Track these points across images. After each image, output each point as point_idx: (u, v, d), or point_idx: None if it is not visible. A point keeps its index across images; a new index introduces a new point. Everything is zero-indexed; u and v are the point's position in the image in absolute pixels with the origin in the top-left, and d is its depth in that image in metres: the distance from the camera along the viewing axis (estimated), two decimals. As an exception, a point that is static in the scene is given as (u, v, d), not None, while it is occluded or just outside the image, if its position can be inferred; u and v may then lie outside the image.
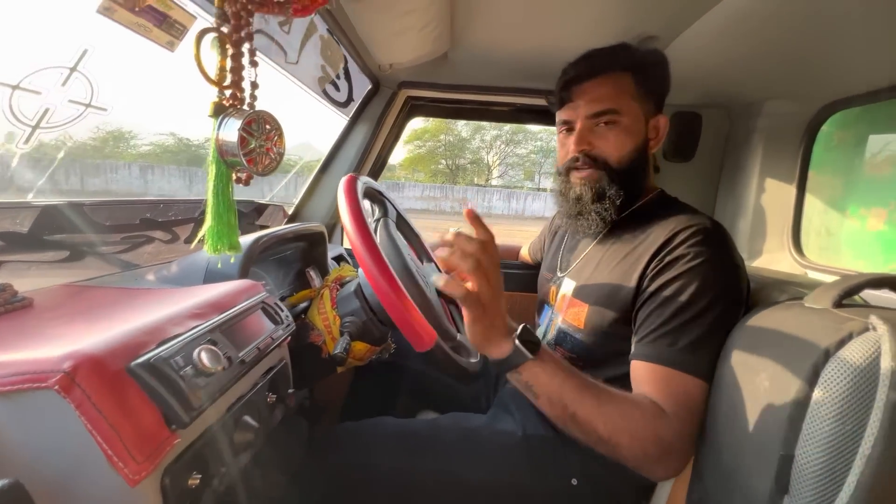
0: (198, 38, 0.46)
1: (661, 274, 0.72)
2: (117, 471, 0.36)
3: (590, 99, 0.82)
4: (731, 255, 0.73)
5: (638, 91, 0.81)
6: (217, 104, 0.49)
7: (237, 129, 0.47)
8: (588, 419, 0.64)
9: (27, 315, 0.54)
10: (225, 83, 0.49)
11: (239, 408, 0.51)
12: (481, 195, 24.31)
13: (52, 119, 0.54)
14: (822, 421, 0.50)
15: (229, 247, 0.51)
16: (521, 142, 26.96)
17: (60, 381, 0.34)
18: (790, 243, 1.18)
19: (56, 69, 0.50)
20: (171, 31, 0.61)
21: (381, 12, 0.87)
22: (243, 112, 0.48)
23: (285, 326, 0.63)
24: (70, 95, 0.53)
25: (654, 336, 0.70)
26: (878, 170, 1.03)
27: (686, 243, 0.72)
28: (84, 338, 0.41)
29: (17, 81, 0.47)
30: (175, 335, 0.45)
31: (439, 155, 27.11)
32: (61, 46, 0.54)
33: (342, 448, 0.86)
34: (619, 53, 0.83)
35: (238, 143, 0.47)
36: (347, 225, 0.73)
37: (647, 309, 0.72)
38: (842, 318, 0.55)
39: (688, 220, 0.76)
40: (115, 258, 0.84)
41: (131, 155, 17.77)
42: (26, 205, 0.61)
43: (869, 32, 0.81)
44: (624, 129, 0.81)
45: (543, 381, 0.65)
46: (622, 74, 0.81)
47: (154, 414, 0.39)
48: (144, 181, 15.20)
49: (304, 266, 1.14)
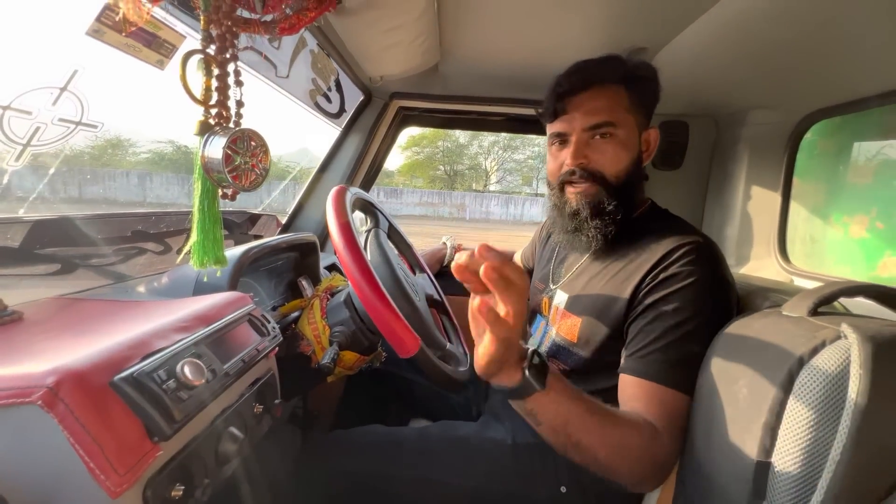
0: (183, 60, 0.47)
1: (655, 291, 0.73)
2: (99, 483, 0.36)
3: (585, 111, 0.80)
4: (722, 273, 0.74)
5: (631, 104, 0.81)
6: (203, 123, 0.50)
7: (222, 146, 0.48)
8: (590, 446, 0.63)
9: (16, 329, 0.55)
10: (211, 102, 0.50)
11: (224, 419, 0.52)
12: (479, 200, 24.38)
13: (43, 137, 0.55)
14: (797, 428, 0.52)
15: (215, 261, 0.52)
16: (518, 147, 27.09)
17: (44, 396, 0.35)
18: (776, 250, 1.20)
19: (47, 89, 0.52)
20: (160, 51, 0.62)
21: (369, 27, 0.89)
22: (228, 130, 0.50)
23: (272, 338, 0.64)
24: (60, 114, 0.54)
25: (645, 352, 0.70)
26: (860, 178, 1.05)
27: (679, 262, 0.72)
28: (69, 352, 0.42)
29: (7, 102, 0.49)
30: (159, 349, 0.46)
31: (437, 161, 27.20)
32: (52, 64, 0.55)
33: (333, 455, 0.86)
34: (612, 65, 0.82)
35: (223, 161, 0.49)
36: (333, 233, 0.75)
37: (639, 324, 0.73)
38: (816, 327, 0.56)
39: (681, 237, 0.76)
40: (107, 270, 0.85)
41: (129, 163, 17.80)
42: (17, 220, 0.62)
43: (850, 43, 0.83)
44: (620, 142, 0.80)
45: (549, 411, 0.62)
46: (616, 87, 0.80)
47: (136, 427, 0.40)
48: (143, 189, 15.21)
49: (296, 276, 1.15)
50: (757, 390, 0.58)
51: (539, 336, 0.99)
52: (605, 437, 0.63)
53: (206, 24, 0.49)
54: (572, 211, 0.84)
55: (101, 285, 0.80)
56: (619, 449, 0.63)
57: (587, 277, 0.87)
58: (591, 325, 0.81)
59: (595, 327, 0.80)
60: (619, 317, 0.76)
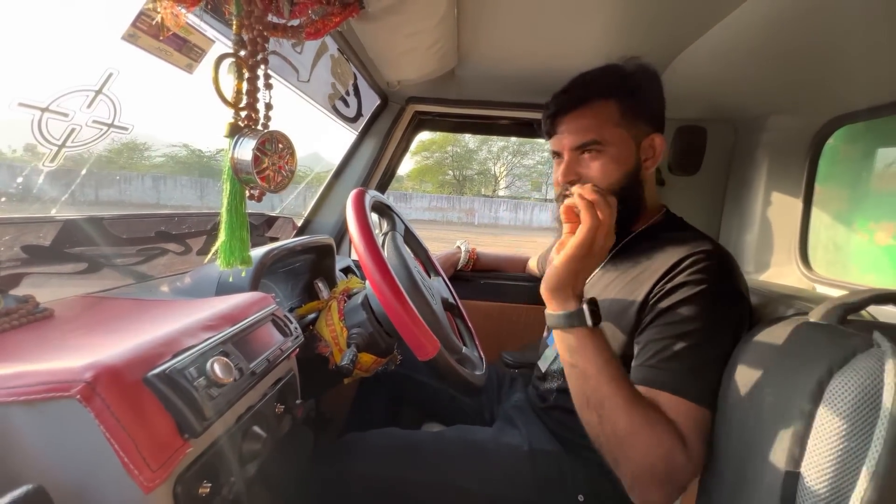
0: (216, 63, 0.48)
1: (664, 299, 0.72)
2: (132, 478, 0.37)
3: (572, 131, 0.82)
4: (733, 282, 0.73)
5: (624, 116, 0.80)
6: (233, 125, 0.51)
7: (252, 148, 0.49)
8: (613, 411, 0.64)
9: (48, 326, 0.56)
10: (241, 105, 0.51)
11: (248, 418, 0.53)
12: (488, 206, 24.36)
13: (77, 138, 0.57)
14: (828, 438, 0.50)
15: (241, 261, 0.53)
16: (528, 153, 27.06)
17: (82, 390, 0.36)
18: (798, 257, 1.18)
19: (83, 91, 0.53)
20: (189, 55, 0.64)
21: (390, 32, 0.90)
22: (258, 132, 0.50)
23: (294, 338, 0.64)
24: (95, 116, 0.56)
25: (654, 360, 0.70)
26: (886, 184, 1.03)
27: (689, 270, 0.72)
28: (103, 349, 0.43)
29: (46, 104, 0.50)
30: (189, 346, 0.46)
31: (447, 166, 27.30)
32: (83, 67, 0.57)
33: (348, 458, 0.86)
34: (602, 80, 0.82)
35: (252, 162, 0.49)
36: (354, 235, 0.76)
37: (649, 334, 0.72)
38: (846, 335, 0.55)
39: (693, 245, 0.75)
40: (131, 270, 0.86)
41: (144, 166, 18.14)
42: (49, 219, 0.64)
43: (873, 49, 0.82)
44: (610, 157, 0.80)
45: (589, 354, 0.67)
46: (604, 102, 0.80)
47: (168, 423, 0.40)
48: (157, 192, 15.48)
49: (313, 278, 1.16)
50: (784, 399, 0.57)
51: (556, 347, 0.98)
52: (631, 410, 0.63)
53: (238, 29, 0.50)
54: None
55: (125, 284, 0.82)
56: (640, 429, 0.63)
57: (602, 286, 0.87)
58: (607, 334, 0.81)
59: (610, 337, 0.79)
60: (630, 325, 0.76)
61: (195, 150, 18.95)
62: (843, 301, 0.61)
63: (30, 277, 0.66)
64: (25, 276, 0.65)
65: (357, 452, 0.87)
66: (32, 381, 0.37)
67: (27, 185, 0.58)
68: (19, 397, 0.36)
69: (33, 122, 0.49)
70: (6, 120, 0.52)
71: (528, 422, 0.97)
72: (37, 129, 0.50)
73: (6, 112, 0.46)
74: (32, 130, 0.50)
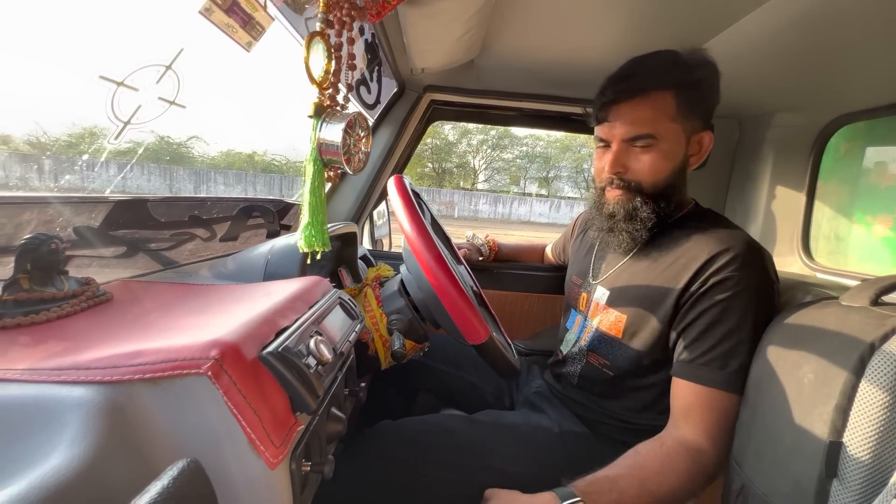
0: (308, 42, 0.48)
1: (706, 295, 0.75)
2: (259, 454, 0.37)
3: (626, 122, 0.79)
4: (770, 277, 0.77)
5: (679, 110, 0.78)
6: (318, 105, 0.50)
7: (341, 129, 0.49)
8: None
9: (114, 308, 0.54)
10: (325, 85, 0.51)
11: (329, 400, 0.53)
12: (468, 199, 24.44)
13: (140, 116, 0.55)
14: (871, 409, 0.55)
15: (322, 244, 0.53)
16: (507, 147, 27.23)
17: (212, 367, 0.36)
18: (800, 248, 1.25)
19: (153, 67, 0.51)
20: (251, 32, 0.62)
21: (430, 18, 0.90)
22: (345, 114, 0.50)
23: (360, 321, 0.64)
24: (161, 93, 0.54)
25: (705, 359, 0.74)
26: (884, 180, 1.11)
27: (730, 267, 0.74)
28: (205, 329, 0.42)
29: (121, 79, 0.48)
30: (286, 327, 0.46)
31: (426, 158, 27.13)
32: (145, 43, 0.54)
33: (383, 444, 0.86)
34: (662, 70, 0.79)
35: (341, 144, 0.49)
36: (404, 220, 0.75)
37: (695, 330, 0.75)
38: (883, 315, 0.60)
39: (729, 238, 0.77)
40: (162, 255, 0.84)
41: (111, 153, 17.20)
42: (102, 199, 0.61)
43: (876, 51, 0.87)
44: (661, 152, 0.79)
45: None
46: (663, 94, 0.78)
47: (284, 400, 0.40)
48: (124, 179, 14.71)
49: (337, 265, 1.15)
50: (825, 375, 0.61)
51: (577, 331, 1.01)
52: (660, 493, 0.68)
53: (325, 8, 0.49)
54: (609, 213, 0.87)
55: (160, 269, 0.79)
56: (675, 489, 0.69)
57: (631, 274, 0.89)
58: (638, 321, 0.83)
59: (642, 323, 0.83)
60: (667, 314, 0.79)
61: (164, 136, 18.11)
62: (875, 285, 0.66)
63: (75, 259, 0.64)
64: (70, 258, 0.62)
65: (392, 438, 0.87)
66: (154, 359, 0.36)
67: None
68: (144, 375, 0.35)
69: (107, 98, 0.47)
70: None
71: (554, 406, 1.00)
72: (110, 105, 0.48)
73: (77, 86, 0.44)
74: (105, 105, 0.48)
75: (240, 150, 24.53)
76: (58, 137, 5.16)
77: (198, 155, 15.99)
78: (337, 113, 0.51)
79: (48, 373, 0.35)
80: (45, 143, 2.57)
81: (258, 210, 1.18)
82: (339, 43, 0.50)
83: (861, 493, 0.54)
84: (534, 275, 1.54)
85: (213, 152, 20.04)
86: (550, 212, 24.24)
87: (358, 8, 0.57)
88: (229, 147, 27.85)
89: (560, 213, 24.06)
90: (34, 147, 2.50)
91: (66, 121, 5.83)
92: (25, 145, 2.92)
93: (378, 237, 1.75)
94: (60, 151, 2.76)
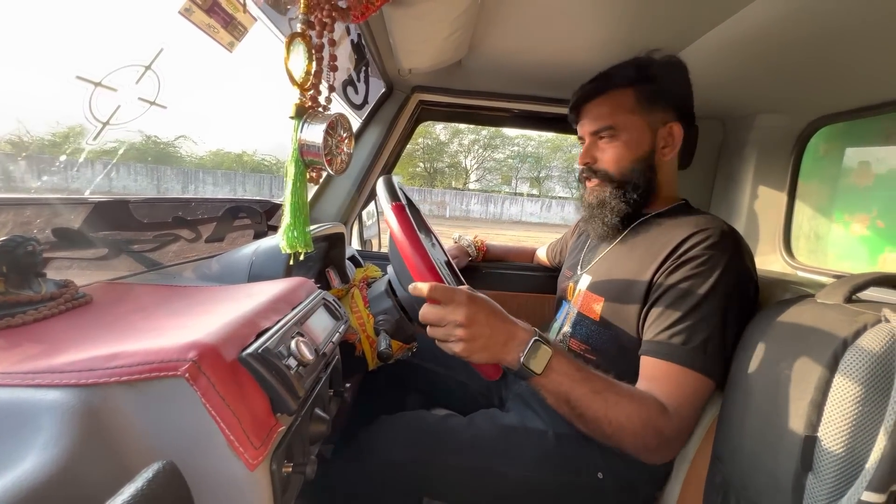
0: (287, 43, 0.48)
1: (674, 273, 0.77)
2: (238, 455, 0.37)
3: (591, 118, 0.91)
4: (742, 258, 0.78)
5: (639, 103, 0.86)
6: (299, 106, 0.50)
7: (322, 131, 0.49)
8: (594, 420, 0.70)
9: (93, 311, 0.54)
10: (306, 86, 0.51)
11: (312, 400, 0.53)
12: (459, 199, 24.46)
13: (119, 117, 0.54)
14: (844, 404, 0.56)
15: (304, 244, 0.53)
16: (498, 147, 27.30)
17: (189, 369, 0.36)
18: (781, 246, 1.28)
19: (133, 67, 0.51)
20: (233, 33, 0.62)
21: (416, 19, 0.90)
22: (326, 115, 0.50)
23: (345, 322, 0.65)
24: (141, 93, 0.53)
25: (667, 334, 0.74)
26: (861, 180, 1.14)
27: (700, 245, 0.76)
28: (183, 331, 0.42)
29: (99, 79, 0.48)
30: (267, 328, 0.46)
31: (417, 158, 27.11)
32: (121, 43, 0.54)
33: (380, 441, 0.86)
34: (620, 72, 0.89)
35: (322, 145, 0.49)
36: (394, 224, 0.75)
37: (660, 307, 0.77)
38: (855, 312, 0.62)
39: (704, 223, 0.80)
40: (145, 256, 0.83)
41: (94, 152, 16.91)
42: (81, 201, 0.60)
43: (859, 52, 0.89)
44: (623, 142, 0.88)
45: (550, 391, 0.70)
46: (622, 91, 0.88)
47: (264, 402, 0.40)
48: (109, 179, 14.51)
49: (325, 266, 1.15)
50: (800, 370, 0.63)
51: (562, 319, 1.02)
52: (609, 413, 0.69)
53: (306, 10, 0.49)
54: (587, 203, 0.95)
55: (143, 271, 0.79)
56: (622, 424, 0.69)
57: (612, 261, 0.92)
58: (614, 305, 0.85)
59: (617, 307, 0.85)
60: (640, 298, 0.81)
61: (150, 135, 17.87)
62: (848, 283, 0.68)
63: (54, 262, 0.63)
64: (49, 261, 0.61)
65: (390, 435, 0.87)
66: (131, 361, 0.36)
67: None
68: (121, 377, 0.35)
69: (85, 98, 0.47)
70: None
71: (545, 405, 1.01)
72: (88, 106, 0.48)
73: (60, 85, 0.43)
74: (83, 106, 0.47)
75: (229, 150, 24.22)
76: (41, 136, 5.04)
77: (186, 154, 15.80)
78: (318, 114, 0.51)
79: (22, 376, 0.35)
80: (27, 142, 2.52)
81: (245, 210, 1.17)
82: (320, 44, 0.50)
83: (835, 486, 0.55)
84: (524, 274, 1.55)
85: (201, 152, 19.70)
86: (542, 211, 24.36)
87: (340, 9, 0.57)
88: (218, 146, 27.43)
89: (551, 212, 24.19)
90: (16, 147, 2.45)
91: (49, 119, 5.71)
92: (7, 144, 2.86)
93: (367, 238, 1.75)
94: (44, 150, 2.70)
